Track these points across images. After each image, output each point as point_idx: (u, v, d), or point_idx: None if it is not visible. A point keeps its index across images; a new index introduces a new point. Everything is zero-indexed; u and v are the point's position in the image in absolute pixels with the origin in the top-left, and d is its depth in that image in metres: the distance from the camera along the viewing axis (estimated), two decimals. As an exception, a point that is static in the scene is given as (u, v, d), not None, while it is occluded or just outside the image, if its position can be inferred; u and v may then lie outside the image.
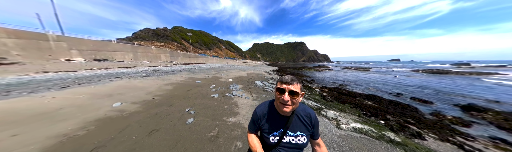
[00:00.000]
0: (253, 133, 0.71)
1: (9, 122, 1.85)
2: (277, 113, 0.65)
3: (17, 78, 4.76)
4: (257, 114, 0.67)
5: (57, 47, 11.24)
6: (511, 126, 3.07)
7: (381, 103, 4.35)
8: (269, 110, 0.67)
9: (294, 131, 0.63)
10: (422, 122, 3.02)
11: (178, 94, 3.69)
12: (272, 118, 0.65)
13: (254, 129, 0.70)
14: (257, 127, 0.69)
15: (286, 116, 0.64)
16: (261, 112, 0.67)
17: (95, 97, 3.08)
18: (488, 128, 3.11)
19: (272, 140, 0.63)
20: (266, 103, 0.71)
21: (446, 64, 45.42)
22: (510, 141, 2.52)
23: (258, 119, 0.67)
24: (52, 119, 1.99)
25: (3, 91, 3.21)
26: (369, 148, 1.76)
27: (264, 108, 0.68)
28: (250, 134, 0.71)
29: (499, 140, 2.57)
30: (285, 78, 0.58)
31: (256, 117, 0.68)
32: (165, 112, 2.46)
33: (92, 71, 7.29)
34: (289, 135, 0.63)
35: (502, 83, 9.52)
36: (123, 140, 1.58)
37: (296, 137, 0.63)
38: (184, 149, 1.47)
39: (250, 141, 0.68)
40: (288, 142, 0.63)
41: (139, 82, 4.85)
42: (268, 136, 0.64)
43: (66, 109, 2.38)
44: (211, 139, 1.68)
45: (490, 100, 5.26)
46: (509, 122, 3.27)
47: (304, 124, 0.65)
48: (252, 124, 0.70)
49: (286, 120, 0.63)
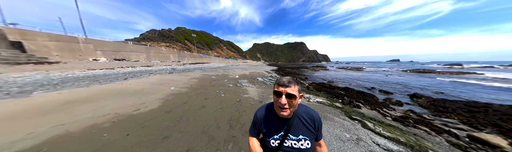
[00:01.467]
0: (254, 137, 0.70)
1: (125, 94, 3.45)
2: (277, 116, 0.62)
3: (83, 73, 6.41)
4: (257, 116, 0.66)
5: (85, 49, 12.94)
6: (427, 105, 4.64)
7: (350, 92, 5.93)
8: (269, 112, 0.65)
9: (296, 134, 0.60)
10: (368, 102, 4.60)
11: (205, 84, 5.29)
12: (272, 120, 0.63)
13: (255, 132, 0.69)
14: (257, 130, 0.67)
15: (287, 119, 0.61)
16: (261, 114, 0.66)
17: (153, 84, 4.69)
18: (413, 106, 4.66)
19: (273, 144, 0.60)
20: (265, 105, 0.69)
21: (440, 65, 46.80)
22: (415, 111, 4.09)
23: (258, 121, 0.66)
24: (146, 94, 3.59)
25: (93, 80, 4.84)
26: (320, 108, 3.33)
27: (264, 111, 0.66)
28: (251, 138, 0.70)
29: (410, 111, 4.14)
30: (282, 80, 0.55)
31: (256, 120, 0.66)
32: (205, 92, 4.05)
33: (123, 69, 8.92)
34: (291, 139, 0.60)
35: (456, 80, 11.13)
36: (193, 101, 3.18)
37: (298, 141, 0.59)
38: (225, 105, 3.05)
39: (251, 144, 0.67)
40: (289, 147, 0.59)
41: (171, 77, 6.47)
42: (268, 140, 0.62)
43: (146, 89, 3.98)
44: (237, 101, 3.27)
45: (437, 91, 6.84)
46: (429, 103, 4.83)
47: (307, 127, 0.61)
48: (252, 127, 0.69)
49: (287, 123, 0.60)
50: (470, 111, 3.95)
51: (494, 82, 11.00)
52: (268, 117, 0.64)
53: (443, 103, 4.72)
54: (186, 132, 1.79)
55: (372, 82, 10.36)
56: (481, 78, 13.40)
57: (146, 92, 3.67)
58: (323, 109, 3.16)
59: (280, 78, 0.58)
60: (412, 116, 3.62)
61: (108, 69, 8.08)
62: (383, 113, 3.67)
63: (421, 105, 4.72)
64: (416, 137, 2.40)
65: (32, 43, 10.41)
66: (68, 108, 2.43)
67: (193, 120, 2.18)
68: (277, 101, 0.54)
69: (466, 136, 2.66)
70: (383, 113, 3.67)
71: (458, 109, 4.14)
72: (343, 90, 6.41)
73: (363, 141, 1.89)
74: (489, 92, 7.41)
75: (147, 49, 18.03)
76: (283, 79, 0.56)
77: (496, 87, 9.06)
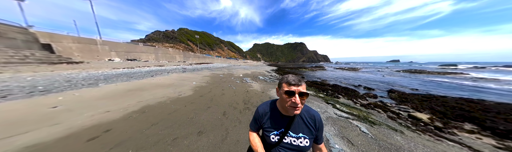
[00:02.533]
0: (254, 132, 0.72)
1: (162, 86, 4.63)
2: (279, 113, 0.64)
3: (113, 71, 7.61)
4: (259, 112, 0.68)
5: (102, 50, 14.21)
6: (396, 97, 5.79)
7: (336, 88, 7.09)
8: (271, 109, 0.66)
9: (296, 132, 0.61)
10: (348, 94, 5.76)
11: (217, 80, 6.47)
12: (274, 117, 0.64)
13: (256, 127, 0.70)
14: (258, 125, 0.69)
15: (289, 116, 0.62)
16: (263, 110, 0.67)
17: (177, 80, 5.88)
18: (385, 99, 5.80)
19: (273, 139, 0.62)
20: (268, 102, 0.71)
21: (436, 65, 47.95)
22: (384, 101, 5.25)
23: (259, 117, 0.67)
24: (177, 86, 4.78)
25: (128, 77, 6.04)
26: (307, 97, 4.53)
27: (266, 107, 0.68)
28: (252, 133, 0.72)
29: (380, 101, 5.30)
30: (291, 78, 0.55)
31: (257, 115, 0.68)
32: (219, 86, 5.24)
33: (142, 68, 10.13)
34: (291, 136, 0.61)
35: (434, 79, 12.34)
36: (214, 91, 4.36)
37: (297, 139, 0.61)
38: (238, 93, 4.22)
39: (252, 139, 0.68)
40: (289, 143, 0.61)
41: (186, 75, 7.66)
42: (268, 135, 0.63)
43: (175, 83, 5.17)
44: (246, 91, 4.45)
45: (413, 88, 8.01)
46: (399, 96, 5.99)
47: (307, 126, 0.63)
48: (253, 122, 0.70)
49: (288, 120, 0.62)
50: (422, 100, 5.12)
51: (465, 81, 12.27)
52: (270, 113, 0.65)
53: (409, 96, 5.89)
54: (219, 105, 2.98)
55: (362, 80, 11.52)
56: (462, 78, 14.61)
57: (176, 85, 4.87)
58: (308, 98, 4.34)
59: (286, 76, 0.58)
60: (378, 104, 4.79)
61: (129, 68, 9.29)
62: (355, 101, 4.85)
63: (391, 97, 5.88)
64: (367, 113, 3.56)
65: (59, 45, 11.67)
66: (133, 93, 3.62)
67: (220, 100, 3.37)
68: (288, 101, 0.54)
69: (407, 115, 3.83)
70: (355, 101, 4.85)
71: (415, 99, 5.30)
72: (331, 86, 7.58)
73: (327, 112, 3.05)
74: (452, 88, 8.69)
75: (155, 50, 19.30)
76: (292, 77, 0.56)
77: (465, 85, 10.33)
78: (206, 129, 1.92)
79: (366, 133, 2.10)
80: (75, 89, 3.68)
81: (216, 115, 2.44)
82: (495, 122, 3.36)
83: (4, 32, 8.95)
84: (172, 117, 2.27)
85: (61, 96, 3.09)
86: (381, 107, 4.29)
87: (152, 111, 2.52)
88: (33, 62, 8.51)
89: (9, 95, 3.01)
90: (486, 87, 9.66)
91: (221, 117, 2.39)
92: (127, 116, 2.23)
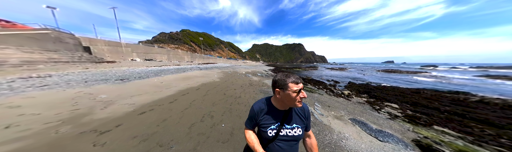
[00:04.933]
0: (250, 130, 0.75)
1: (197, 77, 7.50)
2: (275, 108, 0.69)
3: (150, 68, 10.42)
4: (254, 110, 0.71)
5: (126, 51, 16.88)
6: (348, 87, 8.84)
7: (311, 81, 10.11)
8: (267, 106, 0.71)
9: (290, 124, 0.68)
10: (315, 84, 8.77)
11: (228, 75, 9.36)
12: (270, 113, 0.69)
13: (251, 125, 0.74)
14: (254, 123, 0.72)
15: (284, 110, 0.68)
16: (258, 108, 0.71)
17: (203, 74, 8.74)
18: (341, 87, 8.85)
19: (270, 134, 0.66)
20: (262, 100, 0.75)
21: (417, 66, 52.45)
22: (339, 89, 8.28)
23: (255, 115, 0.71)
24: (206, 77, 7.65)
25: (170, 72, 8.87)
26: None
27: (262, 104, 0.72)
28: (248, 131, 0.75)
29: (333, 87, 8.33)
30: (294, 78, 0.59)
31: (253, 113, 0.71)
32: (232, 78, 8.13)
33: (168, 66, 12.89)
34: (286, 128, 0.67)
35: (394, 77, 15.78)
36: (231, 80, 7.30)
37: (292, 130, 0.67)
38: (245, 81, 7.15)
39: (248, 137, 0.71)
40: (285, 135, 0.66)
41: (205, 71, 10.53)
42: (266, 130, 0.67)
43: (204, 76, 8.05)
44: (250, 81, 7.40)
45: (368, 82, 11.12)
46: (350, 86, 9.04)
47: (299, 116, 0.71)
48: (249, 120, 0.74)
49: (283, 114, 0.68)
50: (365, 88, 8.18)
51: (419, 77, 15.72)
52: (266, 109, 0.70)
53: (356, 85, 8.94)
54: (236, 84, 5.91)
55: (339, 77, 14.64)
56: (422, 75, 18.18)
57: (206, 76, 7.76)
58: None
59: (286, 75, 0.61)
60: (328, 87, 7.78)
61: (158, 67, 12.07)
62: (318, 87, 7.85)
63: (345, 86, 8.93)
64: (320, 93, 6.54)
65: (95, 47, 14.31)
66: (189, 79, 6.48)
67: (236, 83, 6.29)
68: (295, 97, 0.59)
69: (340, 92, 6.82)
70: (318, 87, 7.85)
71: (357, 86, 8.36)
72: (309, 80, 10.62)
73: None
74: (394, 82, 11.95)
75: (167, 51, 22.01)
76: (292, 77, 0.59)
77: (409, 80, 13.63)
78: (236, 89, 4.85)
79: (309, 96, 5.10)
80: (156, 76, 6.53)
81: (238, 86, 5.38)
82: (385, 95, 6.36)
83: (63, 38, 11.56)
84: (218, 87, 5.18)
85: (156, 78, 5.96)
86: (328, 89, 7.31)
87: (206, 85, 5.44)
88: (86, 61, 11.19)
89: (128, 78, 5.84)
90: (420, 80, 13.08)
91: (240, 87, 5.32)
92: (199, 86, 5.14)
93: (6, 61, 7.25)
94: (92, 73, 6.59)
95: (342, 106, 3.98)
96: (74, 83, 4.38)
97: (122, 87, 4.21)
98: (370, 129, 2.49)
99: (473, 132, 3.05)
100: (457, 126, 3.34)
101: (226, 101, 3.44)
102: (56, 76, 5.39)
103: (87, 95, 3.26)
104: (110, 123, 1.99)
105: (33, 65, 7.78)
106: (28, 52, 8.94)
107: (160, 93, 3.92)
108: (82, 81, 4.75)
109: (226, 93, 4.29)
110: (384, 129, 2.59)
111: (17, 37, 9.41)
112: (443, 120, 3.68)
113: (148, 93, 3.82)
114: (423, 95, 6.49)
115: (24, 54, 8.49)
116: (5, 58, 7.44)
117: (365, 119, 3.09)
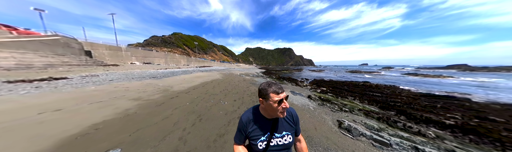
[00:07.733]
0: (240, 145, 0.71)
1: (204, 77, 9.67)
2: (263, 118, 0.66)
3: (156, 70, 12.06)
4: (243, 121, 0.68)
5: (125, 55, 17.83)
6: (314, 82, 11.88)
7: (288, 79, 12.98)
8: (255, 115, 0.68)
9: (280, 132, 0.65)
10: (289, 80, 11.58)
11: (226, 76, 11.59)
12: (258, 122, 0.66)
13: (241, 139, 0.70)
14: (244, 135, 0.69)
15: (272, 119, 0.65)
16: (247, 118, 0.68)
17: (207, 75, 10.86)
18: (307, 82, 11.82)
19: (260, 146, 0.63)
20: (249, 110, 0.72)
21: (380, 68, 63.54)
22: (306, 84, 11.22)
23: (244, 126, 0.67)
24: (210, 77, 9.85)
25: (179, 73, 10.75)
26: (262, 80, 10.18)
27: (250, 114, 0.69)
28: (237, 146, 0.71)
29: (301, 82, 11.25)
30: (275, 88, 0.57)
31: (242, 125, 0.68)
32: (230, 77, 10.45)
33: (172, 69, 14.50)
34: (276, 137, 0.64)
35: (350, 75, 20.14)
36: (230, 78, 9.62)
37: (282, 138, 0.65)
38: (240, 79, 9.54)
39: None
40: (275, 145, 0.64)
41: (207, 73, 12.61)
42: (256, 143, 0.64)
43: (209, 76, 10.20)
44: (243, 79, 9.82)
45: (330, 79, 14.48)
46: (315, 81, 12.11)
47: (288, 123, 0.68)
48: (239, 134, 0.70)
49: (272, 123, 0.65)
50: (320, 81, 11.26)
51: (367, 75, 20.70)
52: (254, 120, 0.67)
53: (319, 81, 12.06)
54: (234, 81, 8.29)
55: (313, 76, 17.99)
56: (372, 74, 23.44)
57: (210, 76, 9.93)
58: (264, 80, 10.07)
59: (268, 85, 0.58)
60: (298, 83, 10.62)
61: (163, 69, 13.66)
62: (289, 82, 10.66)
63: (311, 82, 11.93)
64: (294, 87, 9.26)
65: (96, 51, 15.16)
66: (200, 78, 8.61)
67: (234, 80, 8.67)
68: (277, 108, 0.56)
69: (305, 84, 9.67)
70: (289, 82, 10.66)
71: (317, 82, 11.44)
72: (287, 78, 13.52)
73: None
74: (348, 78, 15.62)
75: (165, 55, 23.17)
76: (273, 87, 0.57)
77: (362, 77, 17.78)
78: (235, 83, 7.24)
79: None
80: (174, 76, 8.46)
81: (236, 82, 7.77)
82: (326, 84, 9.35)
83: (70, 43, 12.46)
84: (222, 83, 7.48)
85: (177, 77, 7.95)
86: (296, 83, 10.16)
87: (215, 81, 7.72)
88: (92, 65, 12.25)
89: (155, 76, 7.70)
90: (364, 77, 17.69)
91: (238, 82, 7.71)
92: (211, 81, 7.38)
93: (32, 65, 8.25)
94: (118, 73, 8.23)
95: (293, 88, 7.01)
96: (126, 78, 6.20)
97: (163, 81, 6.23)
98: (293, 93, 5.42)
99: (345, 96, 6.11)
100: (340, 94, 6.54)
101: (231, 87, 5.91)
102: (101, 75, 7.05)
103: (150, 84, 5.27)
104: (185, 91, 4.32)
105: (55, 68, 8.84)
106: (44, 56, 9.84)
107: (191, 83, 6.18)
108: (127, 77, 6.55)
109: (230, 84, 6.75)
110: (301, 93, 5.54)
111: (33, 43, 10.21)
112: (336, 91, 7.17)
113: (184, 83, 5.99)
114: (345, 83, 10.57)
115: (42, 58, 9.42)
116: (30, 62, 8.41)
117: (297, 91, 5.97)
